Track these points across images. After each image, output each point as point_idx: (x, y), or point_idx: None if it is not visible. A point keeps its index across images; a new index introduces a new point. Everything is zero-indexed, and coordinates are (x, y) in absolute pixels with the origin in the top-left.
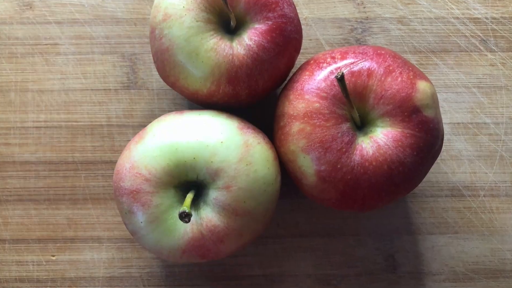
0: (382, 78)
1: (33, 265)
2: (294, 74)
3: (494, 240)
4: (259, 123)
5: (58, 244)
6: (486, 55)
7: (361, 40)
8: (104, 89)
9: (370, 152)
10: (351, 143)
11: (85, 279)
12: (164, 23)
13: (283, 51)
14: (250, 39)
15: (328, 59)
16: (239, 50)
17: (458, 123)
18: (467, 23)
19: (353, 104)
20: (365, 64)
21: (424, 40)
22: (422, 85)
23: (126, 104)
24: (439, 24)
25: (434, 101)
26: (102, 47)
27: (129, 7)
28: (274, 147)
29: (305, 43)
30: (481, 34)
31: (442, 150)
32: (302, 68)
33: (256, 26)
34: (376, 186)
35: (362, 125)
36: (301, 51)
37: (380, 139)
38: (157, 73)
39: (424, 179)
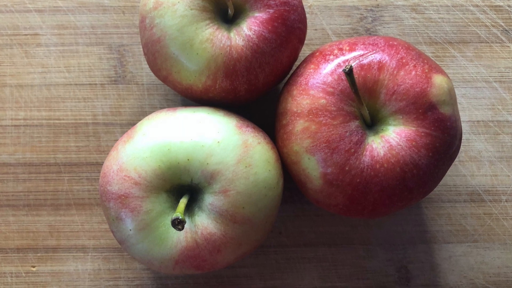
0: (395, 72)
1: (11, 277)
2: (298, 67)
3: None
4: (259, 121)
5: (39, 254)
6: (509, 46)
7: (371, 30)
8: (90, 84)
9: (381, 153)
10: (361, 143)
11: None
12: (155, 11)
13: (286, 42)
14: (249, 29)
15: (335, 51)
16: (237, 41)
17: (478, 121)
18: (488, 11)
19: (362, 100)
20: (376, 57)
21: (441, 30)
22: (438, 80)
23: (113, 100)
24: (457, 12)
25: (451, 97)
26: (87, 37)
27: None
28: (276, 147)
29: (309, 33)
30: (503, 24)
31: (460, 150)
32: (306, 60)
33: (256, 14)
34: (388, 191)
35: (372, 123)
36: (306, 42)
37: (392, 139)
38: (147, 66)
39: (441, 183)
